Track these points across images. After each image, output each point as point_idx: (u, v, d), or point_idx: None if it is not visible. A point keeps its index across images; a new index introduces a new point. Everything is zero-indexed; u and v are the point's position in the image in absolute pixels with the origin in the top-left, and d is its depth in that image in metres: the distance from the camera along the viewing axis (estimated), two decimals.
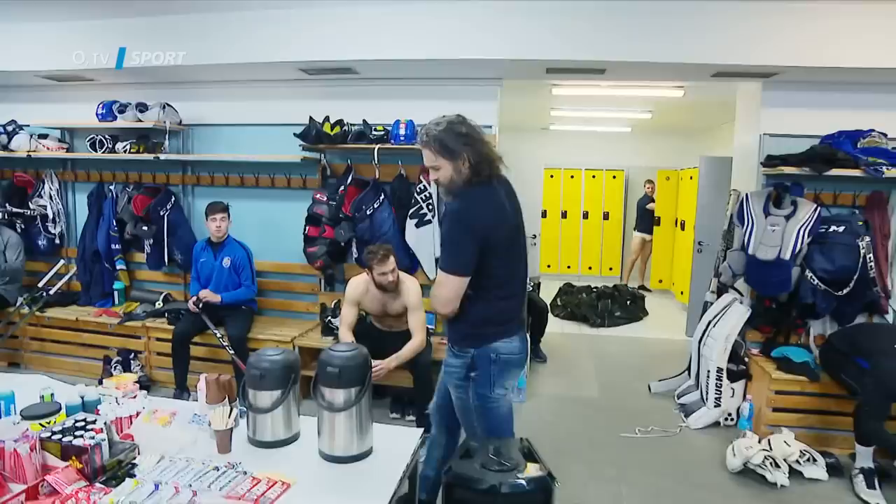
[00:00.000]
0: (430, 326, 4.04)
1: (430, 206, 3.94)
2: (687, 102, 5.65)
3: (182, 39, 3.82)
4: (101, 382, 4.03)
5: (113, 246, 4.64)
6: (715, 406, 3.78)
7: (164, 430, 1.70)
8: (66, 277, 4.74)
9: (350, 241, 4.09)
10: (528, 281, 4.78)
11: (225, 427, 1.67)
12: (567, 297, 6.88)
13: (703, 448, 3.49)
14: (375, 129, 3.88)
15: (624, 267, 8.56)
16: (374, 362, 3.20)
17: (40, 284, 4.66)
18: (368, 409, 1.70)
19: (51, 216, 4.80)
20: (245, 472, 1.53)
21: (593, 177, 8.76)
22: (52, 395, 1.96)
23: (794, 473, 3.04)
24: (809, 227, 3.49)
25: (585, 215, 8.82)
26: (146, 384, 4.19)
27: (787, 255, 3.53)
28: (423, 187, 3.93)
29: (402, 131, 3.77)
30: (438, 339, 3.99)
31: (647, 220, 7.99)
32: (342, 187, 4.04)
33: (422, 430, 1.91)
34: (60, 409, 1.75)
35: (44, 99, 4.77)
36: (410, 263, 4.03)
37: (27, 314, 4.49)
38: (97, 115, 4.33)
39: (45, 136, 4.64)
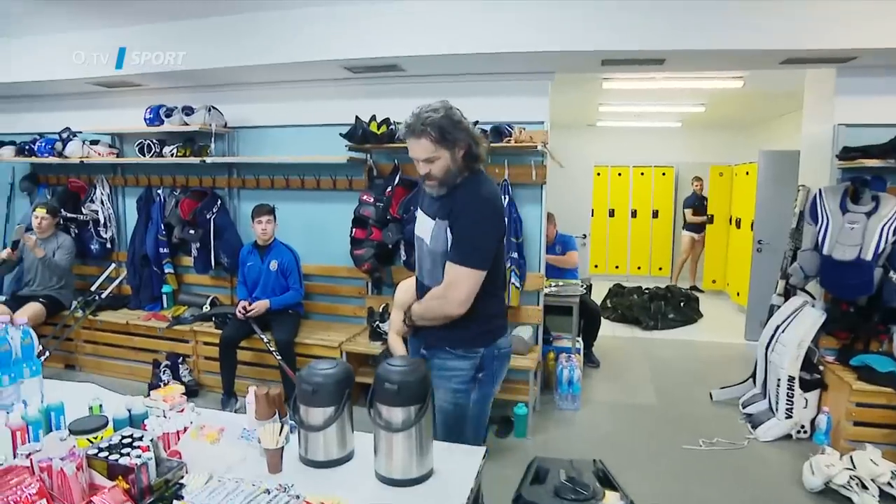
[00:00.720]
0: None
1: None
2: (745, 93, 5.34)
3: (225, 41, 3.79)
4: (150, 387, 4.14)
5: (161, 250, 4.67)
6: (786, 417, 3.52)
7: (211, 447, 1.62)
8: (117, 281, 4.82)
9: (398, 244, 3.99)
10: (580, 282, 4.66)
11: (275, 446, 1.58)
12: (617, 298, 6.63)
13: (776, 463, 3.24)
14: None
15: (674, 267, 8.24)
16: None
17: (93, 288, 4.76)
18: (430, 427, 1.57)
19: (102, 221, 4.88)
20: (298, 497, 1.42)
21: (642, 174, 8.45)
22: (100, 406, 1.90)
23: (884, 496, 2.76)
24: (895, 225, 3.20)
25: (634, 214, 8.52)
26: (194, 388, 4.21)
27: (868, 255, 3.25)
28: None
29: None
30: None
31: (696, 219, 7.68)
32: (389, 188, 3.94)
33: (485, 450, 1.75)
34: (108, 423, 1.69)
35: (95, 105, 4.85)
36: None
37: (80, 318, 4.56)
38: (145, 119, 4.37)
39: (96, 143, 4.71)
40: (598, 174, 8.46)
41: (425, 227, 1.93)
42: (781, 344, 3.65)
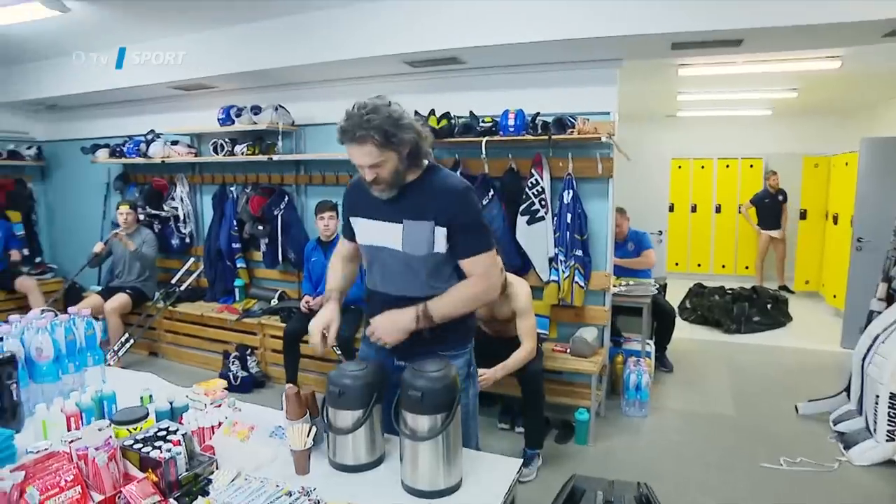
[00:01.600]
0: (542, 332, 3.74)
1: (543, 202, 3.64)
2: (844, 75, 4.78)
3: (290, 40, 3.86)
4: (221, 377, 4.32)
5: (233, 245, 4.86)
6: (887, 440, 3.11)
7: (241, 444, 1.62)
8: (195, 275, 5.06)
9: None
10: (653, 282, 4.39)
11: (302, 447, 1.55)
12: (697, 298, 6.21)
13: (872, 492, 2.87)
14: (483, 121, 3.65)
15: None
16: (479, 371, 3.02)
17: (173, 281, 5.03)
18: (458, 436, 1.48)
19: (182, 217, 5.15)
20: (319, 501, 1.38)
21: (727, 166, 7.90)
22: (150, 396, 1.95)
23: None
24: None
25: (718, 209, 7.98)
26: (261, 380, 4.35)
27: None
28: (534, 181, 3.64)
29: (510, 122, 3.50)
30: (552, 345, 3.70)
31: (772, 216, 7.10)
32: None
33: (520, 462, 1.63)
34: (148, 414, 1.73)
35: (175, 108, 5.12)
36: (522, 264, 3.77)
37: (161, 308, 4.84)
38: (218, 119, 4.55)
39: (175, 143, 4.97)
40: (680, 167, 7.99)
41: (389, 233, 1.77)
42: (880, 356, 3.24)
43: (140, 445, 1.54)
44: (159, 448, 1.51)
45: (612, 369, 3.98)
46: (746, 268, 7.87)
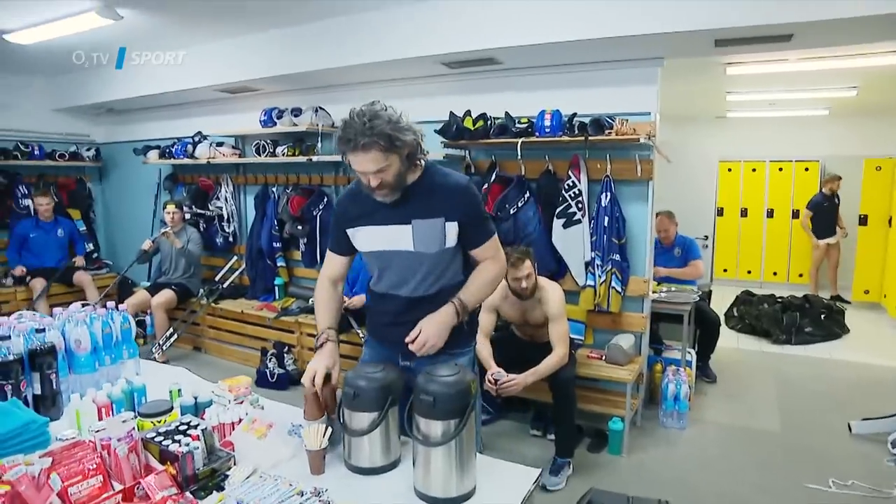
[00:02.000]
0: (577, 337, 3.67)
1: (580, 205, 3.56)
2: None
3: (328, 43, 3.90)
4: (257, 373, 4.41)
5: (274, 244, 4.96)
6: None
7: (258, 441, 1.63)
8: (237, 273, 5.20)
9: None
10: (696, 289, 4.22)
11: (318, 447, 1.54)
12: (745, 306, 5.95)
13: None
14: (519, 122, 3.60)
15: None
16: (509, 375, 2.98)
17: (217, 278, 5.18)
18: (472, 442, 1.45)
19: (226, 216, 5.29)
20: (329, 502, 1.37)
21: (780, 169, 7.55)
22: (179, 391, 2.00)
23: None
24: None
25: (770, 213, 7.64)
26: (297, 377, 4.41)
27: None
28: (571, 183, 3.57)
29: (547, 123, 3.44)
30: (587, 351, 3.61)
31: (827, 223, 6.77)
32: (486, 185, 3.84)
33: (538, 471, 1.59)
34: (172, 408, 1.77)
35: (222, 111, 5.28)
36: (557, 268, 3.69)
37: (205, 305, 4.98)
38: (260, 121, 4.66)
39: (221, 144, 5.11)
40: (729, 170, 7.70)
41: (398, 235, 1.78)
42: None
43: (161, 438, 1.57)
44: (178, 442, 1.54)
45: (651, 378, 3.86)
46: (800, 276, 7.50)
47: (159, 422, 1.71)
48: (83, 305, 2.30)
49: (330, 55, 3.92)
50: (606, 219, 3.46)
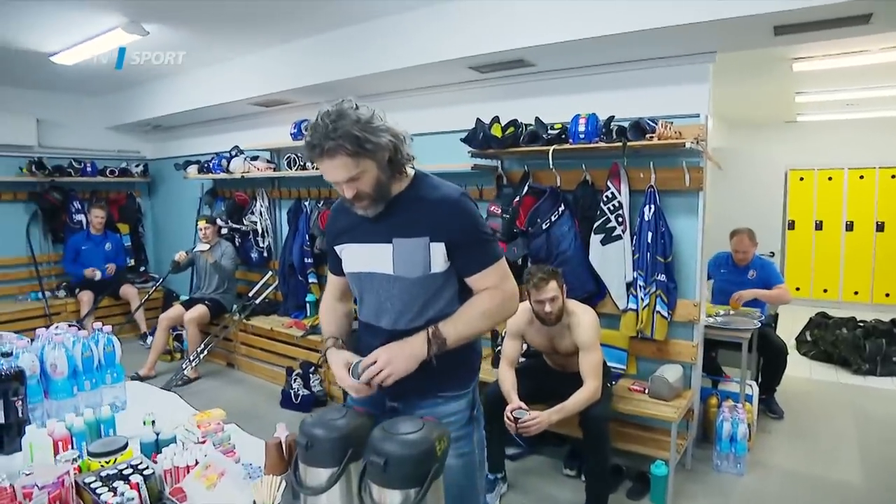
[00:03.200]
0: (617, 367, 3.33)
1: (620, 218, 3.21)
2: None
3: (352, 51, 3.76)
4: (282, 394, 4.26)
5: (306, 259, 4.84)
6: None
7: (207, 492, 1.41)
8: (270, 289, 5.11)
9: (525, 261, 3.57)
10: (757, 312, 3.74)
11: (271, 503, 1.31)
12: (820, 330, 5.32)
13: None
14: (552, 128, 3.31)
15: None
16: (531, 413, 2.66)
17: (250, 294, 5.11)
18: None
19: (260, 231, 5.23)
20: None
21: (861, 177, 6.81)
22: (153, 421, 1.82)
23: None
24: None
25: (849, 226, 6.90)
26: (322, 399, 4.24)
27: None
28: (610, 195, 3.23)
29: (581, 128, 3.12)
30: (630, 382, 3.24)
31: None
32: (517, 197, 3.55)
33: None
34: (127, 446, 1.59)
35: (257, 125, 5.25)
36: (596, 288, 3.34)
37: (236, 321, 4.91)
38: (290, 134, 4.57)
39: (256, 158, 5.07)
40: (801, 179, 7.04)
41: (378, 255, 1.54)
42: None
43: (98, 485, 1.39)
44: (114, 490, 1.35)
45: (705, 413, 3.42)
46: (887, 295, 6.72)
47: (108, 462, 1.53)
48: (69, 326, 2.18)
49: (355, 63, 3.77)
50: (650, 234, 3.09)
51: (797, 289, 7.10)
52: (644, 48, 3.01)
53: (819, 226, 7.03)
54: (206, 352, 4.71)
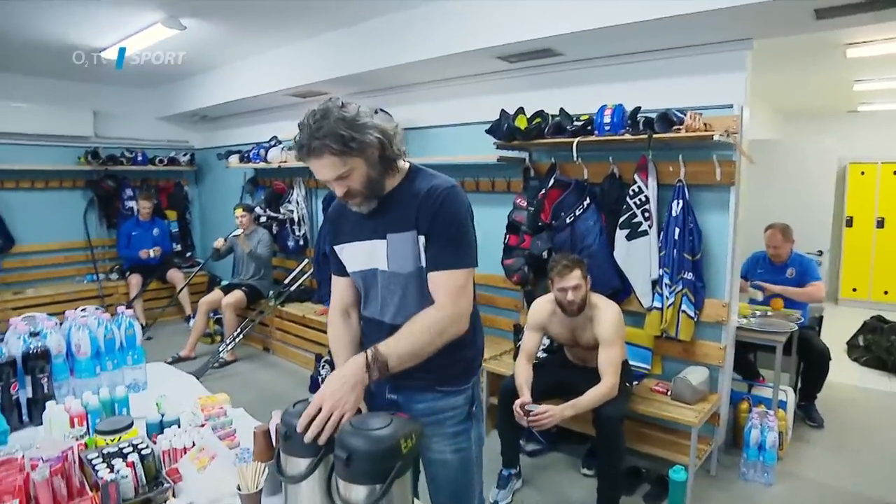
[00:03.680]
0: (641, 366, 3.24)
1: (647, 213, 3.11)
2: None
3: (381, 41, 3.78)
4: (311, 380, 4.37)
5: None
6: None
7: (197, 474, 1.46)
8: (305, 276, 5.23)
9: (550, 254, 3.51)
10: (795, 314, 3.56)
11: (250, 490, 1.35)
12: (874, 335, 5.00)
13: None
14: (578, 119, 3.22)
15: None
16: (543, 406, 2.63)
17: (286, 281, 5.24)
18: None
19: (297, 219, 5.36)
20: None
21: None
22: (164, 402, 1.90)
23: None
24: None
25: None
26: None
27: None
28: (637, 189, 3.12)
29: (607, 119, 3.03)
30: (653, 382, 3.15)
31: None
32: (543, 190, 3.50)
33: None
34: (131, 426, 1.66)
35: (294, 115, 5.31)
36: (621, 285, 3.25)
37: (271, 307, 5.06)
38: None
39: (292, 148, 5.16)
40: (862, 173, 6.61)
41: (375, 252, 1.53)
42: None
43: (99, 461, 1.46)
44: (112, 467, 1.42)
45: (735, 418, 3.29)
46: None
47: (113, 440, 1.61)
48: (96, 308, 2.30)
49: (384, 54, 3.78)
50: (677, 230, 2.98)
51: (853, 289, 6.73)
52: (676, 36, 2.88)
53: (881, 223, 6.59)
54: (241, 336, 4.88)
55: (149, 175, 6.47)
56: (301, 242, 5.39)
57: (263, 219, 5.44)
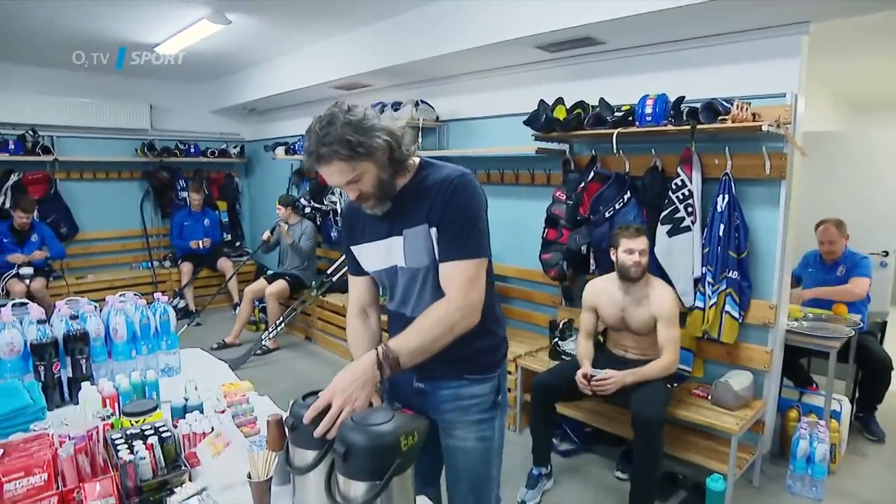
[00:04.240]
0: (684, 368, 3.09)
1: (690, 208, 2.96)
2: None
3: (421, 32, 3.75)
4: None
5: None
6: None
7: (212, 460, 1.49)
8: (346, 268, 5.29)
9: (588, 249, 3.42)
10: (852, 319, 3.33)
11: (262, 478, 1.36)
12: None
13: None
14: (619, 110, 3.10)
15: None
16: (606, 371, 2.69)
17: (329, 271, 5.32)
18: None
19: (339, 211, 5.42)
20: None
21: None
22: (195, 387, 1.94)
23: None
24: None
25: None
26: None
27: None
28: (680, 182, 2.98)
29: (648, 110, 2.90)
30: (694, 385, 3.03)
31: None
32: (582, 183, 3.40)
33: None
34: (157, 408, 1.71)
35: None
36: None
37: (313, 297, 5.15)
38: None
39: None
40: None
41: (393, 249, 1.51)
42: None
43: (121, 441, 1.50)
44: (131, 448, 1.46)
45: (783, 426, 3.11)
46: None
47: (138, 421, 1.66)
48: (135, 295, 2.38)
49: (423, 45, 3.76)
50: (722, 227, 2.82)
51: None
52: (725, 20, 2.71)
53: None
54: (283, 325, 4.99)
55: (201, 166, 6.70)
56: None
57: (308, 210, 5.54)
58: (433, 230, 1.44)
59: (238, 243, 7.01)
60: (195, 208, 6.14)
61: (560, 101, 3.29)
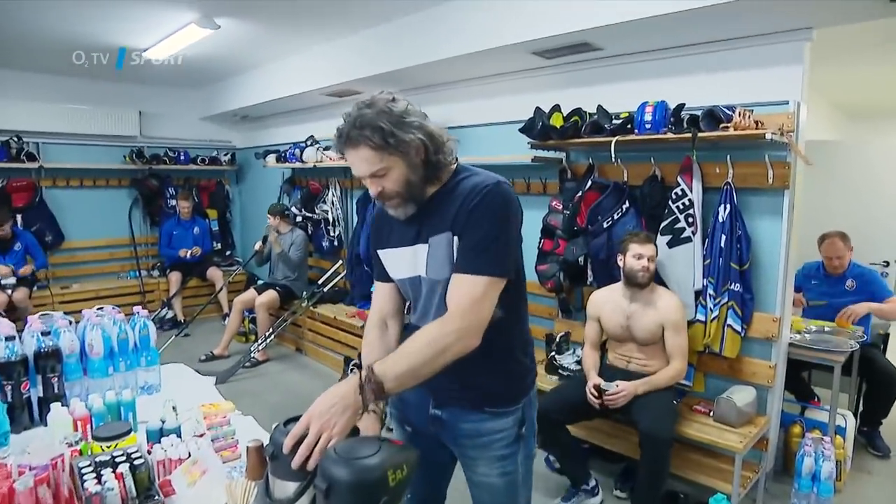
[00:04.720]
0: (684, 383, 3.00)
1: (690, 219, 2.89)
2: None
3: (413, 38, 3.68)
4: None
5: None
6: None
7: (187, 489, 1.38)
8: (339, 277, 5.19)
9: (586, 261, 3.33)
10: (855, 331, 3.25)
11: None
12: None
13: None
14: (617, 117, 3.03)
15: None
16: (617, 383, 2.62)
17: (319, 282, 5.22)
18: None
19: (331, 220, 5.33)
20: None
21: None
22: (174, 407, 1.84)
23: None
24: None
25: None
26: None
27: None
28: (680, 192, 2.91)
29: (648, 117, 2.83)
30: (694, 401, 2.94)
31: None
32: (579, 192, 3.32)
33: None
34: (130, 431, 1.60)
35: (331, 115, 5.31)
36: None
37: (304, 307, 5.04)
38: None
39: (328, 148, 5.14)
40: None
41: (417, 258, 1.41)
42: None
43: (89, 470, 1.39)
44: (99, 478, 1.35)
45: (786, 442, 3.02)
46: None
47: (110, 446, 1.55)
48: (113, 308, 2.27)
49: (417, 51, 3.68)
50: (724, 237, 2.75)
51: None
52: (726, 26, 2.65)
53: None
54: (273, 336, 4.87)
55: (191, 174, 6.59)
56: (335, 243, 5.36)
57: (299, 219, 5.44)
58: (456, 238, 1.34)
59: (228, 252, 6.90)
60: (185, 217, 6.02)
61: (557, 108, 3.22)
